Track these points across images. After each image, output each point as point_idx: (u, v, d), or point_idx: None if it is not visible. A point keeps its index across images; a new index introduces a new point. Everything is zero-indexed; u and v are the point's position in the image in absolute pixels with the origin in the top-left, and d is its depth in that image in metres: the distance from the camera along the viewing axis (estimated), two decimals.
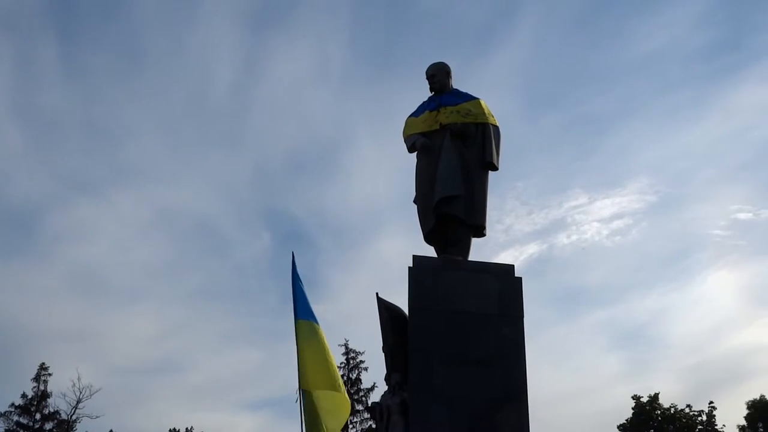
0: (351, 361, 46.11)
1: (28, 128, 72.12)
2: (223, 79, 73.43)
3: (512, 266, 10.75)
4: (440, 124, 11.13)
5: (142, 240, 73.25)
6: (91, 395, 39.74)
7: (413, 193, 11.36)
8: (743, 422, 40.34)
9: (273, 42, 73.39)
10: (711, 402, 40.41)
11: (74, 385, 40.85)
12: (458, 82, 11.80)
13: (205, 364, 67.67)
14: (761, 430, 41.01)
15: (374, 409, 10.74)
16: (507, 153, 11.70)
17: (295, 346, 11.38)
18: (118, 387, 65.62)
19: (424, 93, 11.75)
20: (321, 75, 72.31)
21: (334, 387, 11.65)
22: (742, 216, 71.69)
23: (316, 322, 11.69)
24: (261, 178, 75.88)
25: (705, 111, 74.35)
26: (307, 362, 11.43)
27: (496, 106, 11.45)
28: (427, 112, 11.29)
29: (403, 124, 11.59)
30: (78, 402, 39.66)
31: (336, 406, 11.63)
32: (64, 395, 39.70)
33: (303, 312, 11.59)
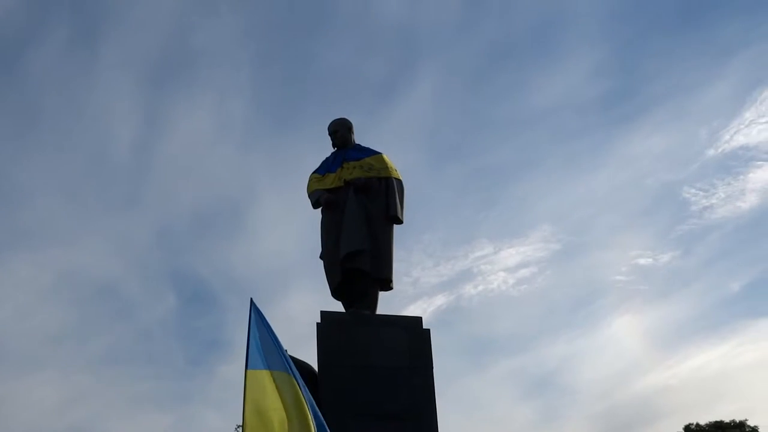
0: None
1: None
2: (124, 137, 72.12)
3: (420, 318, 10.94)
4: (344, 180, 11.34)
5: (42, 305, 70.75)
6: None
7: (319, 249, 11.47)
8: None
9: (173, 98, 72.62)
10: None
11: None
12: (361, 136, 12.05)
13: (112, 430, 65.66)
14: None
15: None
16: (411, 205, 11.90)
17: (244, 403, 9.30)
18: None
19: (326, 147, 11.97)
20: (223, 130, 71.85)
21: None
22: (642, 261, 73.80)
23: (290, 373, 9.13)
24: (164, 238, 74.54)
25: (603, 159, 76.72)
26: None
27: (400, 159, 11.75)
28: (328, 174, 11.50)
29: (308, 180, 11.74)
30: None
31: None
32: None
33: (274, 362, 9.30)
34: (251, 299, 9.06)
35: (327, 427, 8.44)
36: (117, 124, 72.47)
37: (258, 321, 8.93)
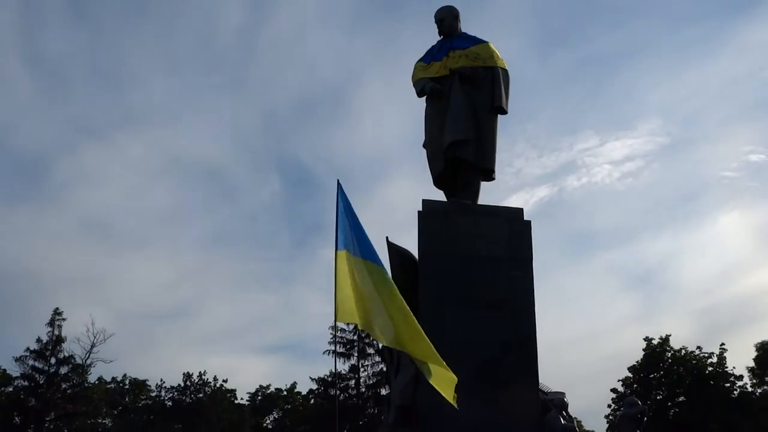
0: None
1: (34, 74, 71.96)
2: (229, 22, 72.97)
3: (521, 210, 11.01)
4: (449, 69, 11.30)
5: (151, 186, 73.71)
6: (105, 340, 40.40)
7: (422, 137, 11.51)
8: (752, 364, 40.79)
9: None
10: (722, 344, 40.89)
11: (88, 330, 41.81)
12: (467, 23, 11.95)
13: (218, 309, 68.54)
14: None
15: (383, 352, 10.91)
16: (516, 95, 11.81)
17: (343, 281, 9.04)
18: (132, 332, 66.67)
19: (432, 34, 11.89)
20: (328, 15, 71.72)
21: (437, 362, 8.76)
22: (754, 158, 71.65)
23: (381, 266, 9.14)
24: (269, 123, 75.93)
25: (717, 48, 73.60)
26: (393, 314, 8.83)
27: (505, 47, 11.68)
28: (434, 62, 11.44)
29: (413, 69, 11.71)
30: (92, 347, 40.34)
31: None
32: (79, 340, 40.35)
33: (363, 250, 9.18)
34: (338, 181, 9.25)
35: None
36: (223, 8, 73.01)
37: (345, 204, 9.21)
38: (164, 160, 74.32)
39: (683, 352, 41.16)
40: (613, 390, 41.87)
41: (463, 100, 11.10)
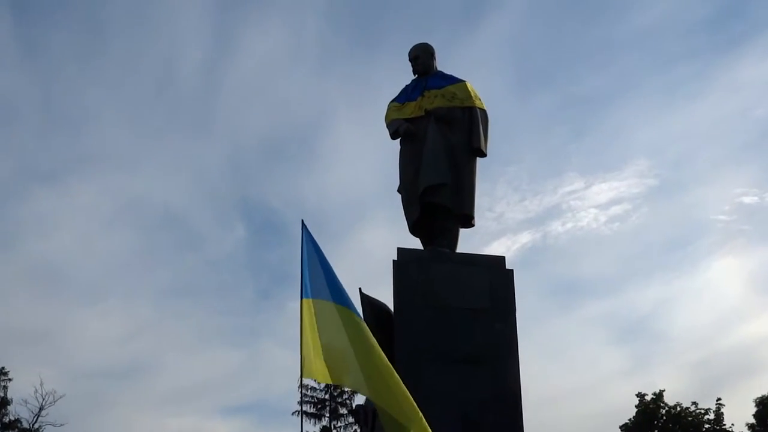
0: None
1: None
2: (192, 58, 71.54)
3: (503, 258, 10.77)
4: (424, 109, 11.07)
5: (106, 233, 71.38)
6: (54, 401, 38.72)
7: (397, 182, 11.29)
8: (752, 420, 40.14)
9: (244, 15, 71.57)
10: (719, 399, 40.16)
11: (36, 391, 39.63)
12: (443, 61, 11.78)
13: (177, 366, 66.26)
14: None
15: (358, 413, 10.60)
16: (496, 135, 11.66)
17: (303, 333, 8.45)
18: (84, 392, 64.36)
19: (407, 73, 11.71)
20: (297, 52, 70.78)
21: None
22: (747, 200, 71.21)
23: (357, 314, 8.64)
24: (234, 165, 74.16)
25: (707, 87, 73.25)
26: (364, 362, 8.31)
27: (484, 86, 11.49)
28: (408, 102, 11.25)
29: (386, 109, 11.51)
30: (41, 409, 38.61)
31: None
32: (26, 402, 38.78)
33: (336, 295, 8.58)
34: (302, 221, 8.74)
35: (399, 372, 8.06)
36: (185, 44, 72.15)
37: (310, 246, 8.68)
38: (120, 205, 72.48)
39: (678, 408, 40.43)
40: None
41: (439, 142, 10.82)
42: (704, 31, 70.29)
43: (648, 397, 40.87)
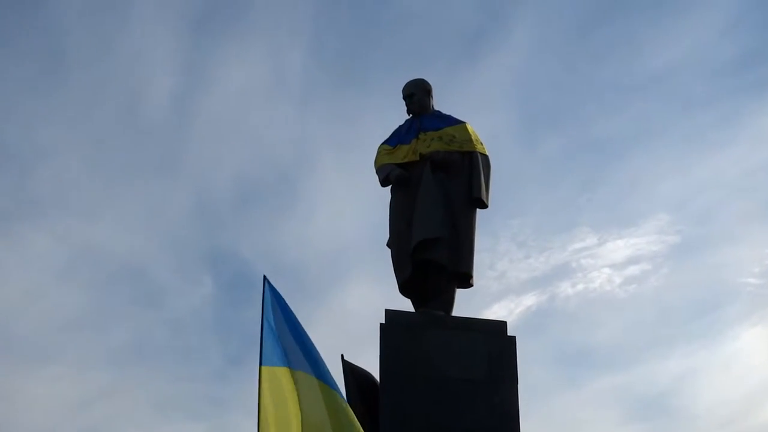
0: None
1: None
2: (160, 91, 68.47)
3: (504, 323, 10.04)
4: (419, 153, 10.37)
5: (58, 286, 68.74)
6: None
7: (386, 234, 10.58)
8: None
9: (220, 43, 68.88)
10: None
11: None
12: (441, 98, 11.13)
13: None
14: None
15: None
16: (499, 185, 11.10)
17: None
18: None
19: (400, 112, 11.05)
20: (277, 85, 68.39)
21: None
22: None
23: (334, 388, 8.01)
24: (203, 210, 70.59)
25: (735, 134, 70.61)
26: None
27: (486, 128, 10.94)
28: (401, 145, 10.63)
29: (376, 153, 10.85)
30: None
31: None
32: None
33: (309, 365, 8.00)
34: (264, 277, 7.90)
35: None
36: (153, 76, 69.61)
37: (275, 305, 7.88)
38: (74, 255, 69.76)
39: None
40: None
41: (435, 190, 10.08)
42: (730, 73, 68.79)
43: None
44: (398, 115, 11.03)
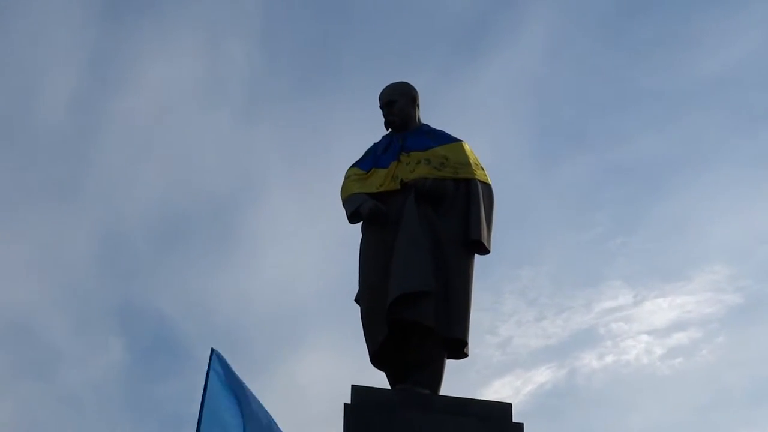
0: None
1: None
2: (57, 89, 63.81)
3: (509, 405, 8.42)
4: (400, 180, 8.72)
5: None
6: None
7: (355, 287, 8.94)
8: None
9: (138, 32, 62.04)
10: None
11: None
12: (430, 108, 9.55)
13: None
14: None
15: None
16: (506, 223, 9.78)
17: None
18: None
19: (375, 123, 9.41)
20: (213, 88, 61.99)
21: None
22: None
23: None
24: (112, 252, 63.92)
25: None
26: None
27: (490, 149, 9.17)
28: (377, 169, 9.14)
29: (343, 178, 9.17)
30: None
31: None
32: None
33: None
34: (212, 350, 8.06)
35: None
36: (47, 67, 64.48)
37: (223, 382, 7.92)
38: None
39: None
40: None
41: (419, 230, 8.45)
42: None
43: None
44: (373, 128, 9.42)
